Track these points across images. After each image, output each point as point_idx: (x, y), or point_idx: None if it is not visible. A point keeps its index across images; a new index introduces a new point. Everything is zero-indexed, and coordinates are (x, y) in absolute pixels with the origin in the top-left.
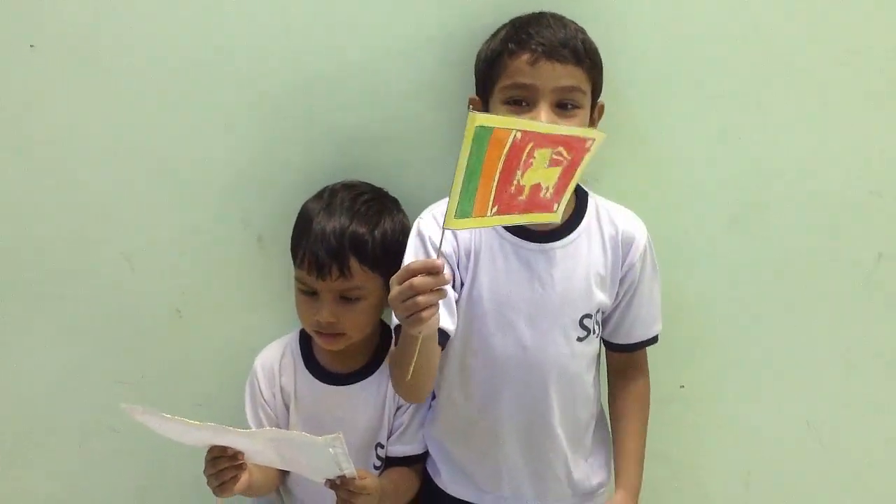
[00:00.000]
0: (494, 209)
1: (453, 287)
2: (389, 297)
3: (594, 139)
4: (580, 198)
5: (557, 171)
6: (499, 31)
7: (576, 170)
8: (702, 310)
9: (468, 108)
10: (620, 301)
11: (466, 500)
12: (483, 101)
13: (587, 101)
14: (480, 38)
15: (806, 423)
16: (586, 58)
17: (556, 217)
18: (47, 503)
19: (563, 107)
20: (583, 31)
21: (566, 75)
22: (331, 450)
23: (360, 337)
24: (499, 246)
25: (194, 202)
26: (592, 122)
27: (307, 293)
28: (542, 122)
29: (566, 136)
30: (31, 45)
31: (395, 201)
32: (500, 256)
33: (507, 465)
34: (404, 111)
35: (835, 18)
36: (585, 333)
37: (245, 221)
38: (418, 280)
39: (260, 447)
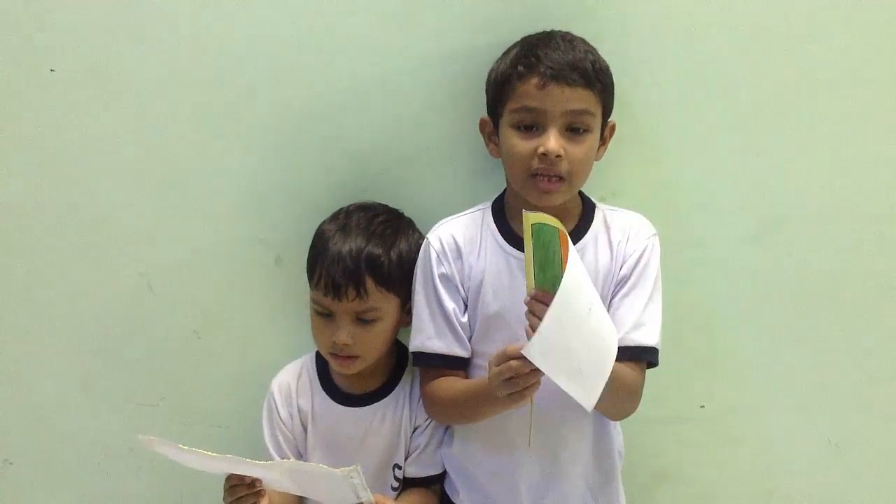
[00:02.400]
0: None
1: (466, 309)
2: (490, 374)
3: None
4: (586, 209)
5: None
6: (509, 50)
7: None
8: (721, 328)
9: (480, 129)
10: (613, 297)
11: None
12: (493, 121)
13: (597, 124)
14: (497, 57)
15: (829, 442)
16: (596, 80)
17: None
18: None
19: (573, 130)
20: (593, 52)
21: (575, 99)
22: (349, 480)
23: (374, 360)
24: (505, 264)
25: (212, 223)
26: (603, 143)
27: (323, 315)
28: (551, 146)
29: None
30: (50, 70)
31: (410, 222)
32: (506, 275)
33: (524, 480)
34: (421, 131)
35: (857, 29)
36: None
37: (263, 242)
38: (515, 364)
39: (277, 476)
